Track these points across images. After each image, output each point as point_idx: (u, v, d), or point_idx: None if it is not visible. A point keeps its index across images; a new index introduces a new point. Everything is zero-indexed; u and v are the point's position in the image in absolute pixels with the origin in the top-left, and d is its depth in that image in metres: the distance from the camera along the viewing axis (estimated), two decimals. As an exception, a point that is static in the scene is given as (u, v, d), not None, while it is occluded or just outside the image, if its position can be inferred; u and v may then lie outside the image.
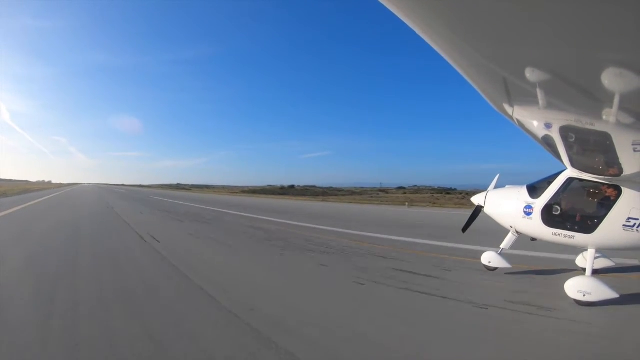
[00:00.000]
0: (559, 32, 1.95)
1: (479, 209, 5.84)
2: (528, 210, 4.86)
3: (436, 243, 8.43)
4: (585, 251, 4.66)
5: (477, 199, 5.89)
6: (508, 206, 5.21)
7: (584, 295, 3.98)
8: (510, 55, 2.40)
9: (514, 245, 5.43)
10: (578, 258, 5.73)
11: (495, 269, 5.52)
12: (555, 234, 4.59)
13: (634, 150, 3.50)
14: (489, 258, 5.53)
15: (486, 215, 5.73)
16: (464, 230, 6.15)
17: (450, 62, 2.60)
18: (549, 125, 3.58)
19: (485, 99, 3.45)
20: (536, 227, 4.79)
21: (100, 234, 9.31)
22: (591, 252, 4.41)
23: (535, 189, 4.96)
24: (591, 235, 4.32)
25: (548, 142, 4.01)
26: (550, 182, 4.78)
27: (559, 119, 3.43)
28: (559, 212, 4.61)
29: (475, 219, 6.01)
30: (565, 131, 3.56)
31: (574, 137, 3.64)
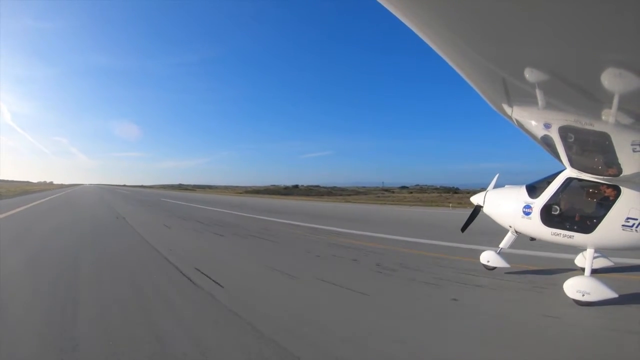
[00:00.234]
0: (559, 32, 1.95)
1: (478, 209, 5.85)
2: (527, 210, 4.86)
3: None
4: (585, 251, 4.66)
5: (476, 199, 5.90)
6: (507, 206, 5.21)
7: (583, 295, 3.99)
8: (509, 55, 2.39)
9: (513, 245, 5.42)
10: (577, 257, 5.74)
11: (493, 269, 5.52)
12: (555, 234, 4.59)
13: (633, 151, 3.51)
14: (488, 257, 5.53)
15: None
16: (463, 230, 6.17)
17: (449, 62, 2.59)
18: (548, 126, 3.58)
19: (484, 99, 3.45)
20: (535, 227, 4.79)
21: (117, 281, 4.82)
22: (590, 252, 4.41)
23: (534, 189, 4.96)
24: (590, 235, 4.32)
25: (547, 142, 4.00)
26: (550, 182, 4.77)
27: (558, 119, 3.43)
28: (558, 212, 4.61)
29: (474, 218, 6.02)
30: (564, 131, 3.56)
31: (573, 137, 3.64)
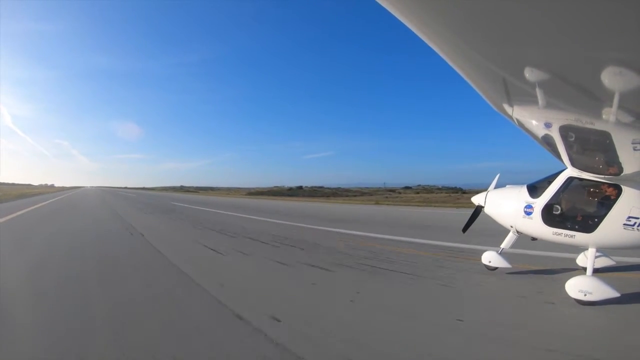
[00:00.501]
0: (559, 32, 1.94)
1: (479, 209, 5.84)
2: (528, 210, 4.85)
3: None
4: (586, 250, 4.64)
5: (477, 199, 5.89)
6: (508, 206, 5.20)
7: (585, 295, 3.97)
8: (510, 55, 2.38)
9: (514, 245, 5.41)
10: (579, 257, 5.72)
11: (495, 269, 5.51)
12: (556, 234, 4.58)
13: (634, 149, 3.49)
14: (489, 258, 5.53)
15: None
16: (464, 230, 6.16)
17: (449, 62, 2.59)
18: (548, 125, 3.57)
19: (484, 99, 3.44)
20: (536, 227, 4.78)
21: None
22: (592, 251, 4.39)
23: (535, 189, 4.95)
24: (592, 234, 4.31)
25: (548, 142, 4.00)
26: (551, 182, 4.76)
27: (559, 119, 3.42)
28: (559, 212, 4.60)
29: (475, 219, 6.01)
30: (565, 130, 3.55)
31: (574, 137, 3.63)
